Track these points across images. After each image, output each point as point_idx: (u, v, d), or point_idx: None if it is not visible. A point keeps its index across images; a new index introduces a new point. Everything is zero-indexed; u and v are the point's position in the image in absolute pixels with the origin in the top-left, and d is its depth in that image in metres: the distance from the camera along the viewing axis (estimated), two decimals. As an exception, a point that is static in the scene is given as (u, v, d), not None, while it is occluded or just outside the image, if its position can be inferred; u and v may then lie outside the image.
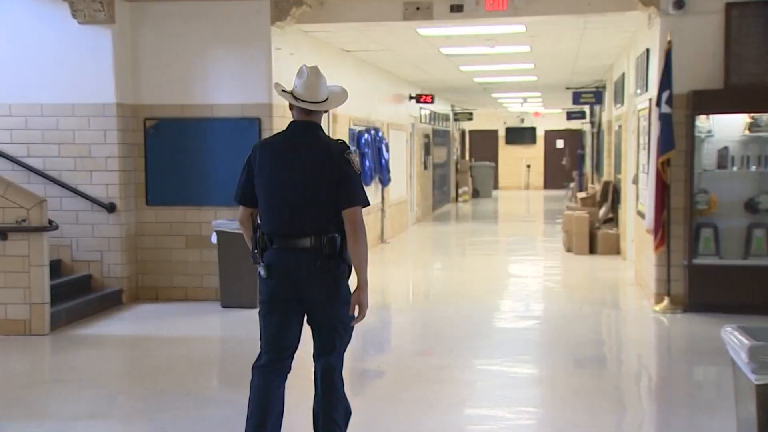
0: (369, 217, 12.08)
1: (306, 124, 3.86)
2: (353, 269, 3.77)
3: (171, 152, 8.47)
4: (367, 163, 12.06)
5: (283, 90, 3.91)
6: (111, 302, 8.14)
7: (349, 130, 11.55)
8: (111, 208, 8.19)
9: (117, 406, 5.27)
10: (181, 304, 8.36)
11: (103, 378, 5.94)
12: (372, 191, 12.12)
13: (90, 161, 8.21)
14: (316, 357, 3.88)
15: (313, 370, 3.91)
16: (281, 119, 8.49)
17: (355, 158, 3.80)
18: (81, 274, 8.20)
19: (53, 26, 8.13)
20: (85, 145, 8.20)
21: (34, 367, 6.37)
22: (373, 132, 12.48)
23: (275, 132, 8.58)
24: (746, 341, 3.07)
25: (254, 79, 8.29)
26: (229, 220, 8.12)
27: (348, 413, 3.99)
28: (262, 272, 3.77)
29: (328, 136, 3.93)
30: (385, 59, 12.52)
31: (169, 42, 8.37)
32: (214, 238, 8.04)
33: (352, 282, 3.76)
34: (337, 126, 10.99)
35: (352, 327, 3.86)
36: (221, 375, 6.21)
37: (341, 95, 4.05)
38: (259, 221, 3.88)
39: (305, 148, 3.79)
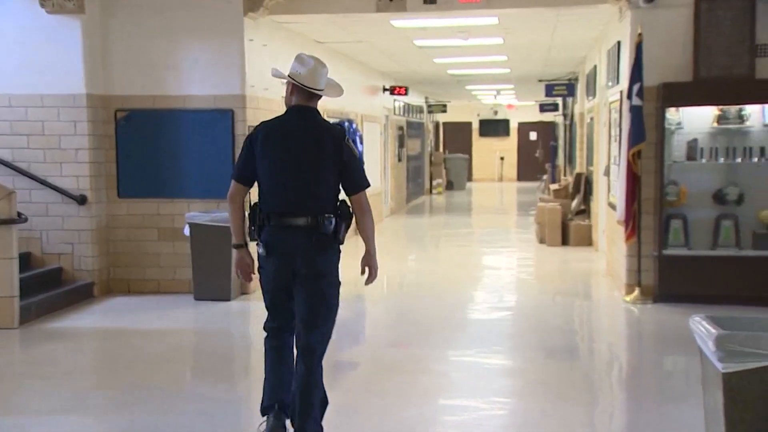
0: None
1: (306, 109, 4.02)
2: (363, 241, 4.09)
3: (143, 144, 8.39)
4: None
5: (280, 75, 4.09)
6: (82, 295, 8.06)
7: (323, 121, 11.50)
8: (81, 200, 8.10)
9: (88, 400, 5.22)
10: (154, 297, 8.30)
11: (74, 372, 5.88)
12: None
13: (59, 153, 8.10)
14: (297, 338, 4.02)
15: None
16: (255, 111, 8.44)
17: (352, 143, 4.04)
18: (51, 266, 8.10)
19: (21, 16, 8.00)
20: (54, 137, 8.09)
21: (2, 361, 6.27)
22: (347, 124, 12.44)
23: (249, 124, 8.56)
24: (713, 330, 3.10)
25: (227, 71, 8.23)
26: (202, 212, 8.07)
27: (324, 403, 4.11)
28: (261, 251, 3.96)
29: (327, 121, 4.15)
30: (359, 51, 12.49)
31: (141, 32, 8.27)
32: (187, 231, 7.99)
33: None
34: (310, 118, 10.94)
35: (335, 312, 4.06)
36: (195, 368, 6.17)
37: (337, 88, 4.21)
38: (257, 199, 4.05)
39: (305, 131, 3.97)
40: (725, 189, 7.76)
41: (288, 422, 4.05)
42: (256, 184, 4.09)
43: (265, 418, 4.10)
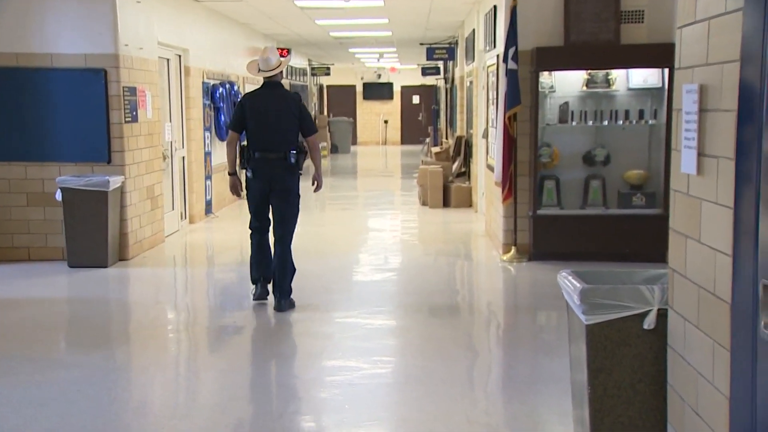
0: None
1: (273, 83, 6.27)
2: (314, 165, 6.49)
3: (7, 104, 7.95)
4: (222, 118, 11.78)
5: (258, 67, 6.24)
6: (-56, 266, 7.61)
7: (203, 83, 11.21)
8: (-60, 165, 7.60)
9: (-47, 374, 4.96)
10: (24, 264, 7.94)
11: (-63, 346, 5.56)
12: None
13: None
14: (275, 231, 6.26)
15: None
16: (130, 71, 8.14)
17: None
18: None
19: None
20: None
21: None
22: (228, 86, 12.17)
23: (124, 84, 8.26)
24: (578, 285, 3.26)
25: (98, 29, 7.87)
26: (75, 176, 7.75)
27: (293, 271, 6.33)
28: (249, 174, 6.17)
29: (287, 90, 6.44)
30: (239, 11, 12.19)
31: (1, -15, 7.78)
32: (59, 196, 7.66)
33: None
34: (190, 79, 10.64)
35: (297, 214, 6.37)
36: (69, 337, 5.96)
37: (273, 51, 6.29)
38: (245, 142, 6.20)
39: (275, 97, 6.20)
40: (594, 150, 8.11)
41: (270, 286, 6.33)
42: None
43: (253, 286, 6.39)
